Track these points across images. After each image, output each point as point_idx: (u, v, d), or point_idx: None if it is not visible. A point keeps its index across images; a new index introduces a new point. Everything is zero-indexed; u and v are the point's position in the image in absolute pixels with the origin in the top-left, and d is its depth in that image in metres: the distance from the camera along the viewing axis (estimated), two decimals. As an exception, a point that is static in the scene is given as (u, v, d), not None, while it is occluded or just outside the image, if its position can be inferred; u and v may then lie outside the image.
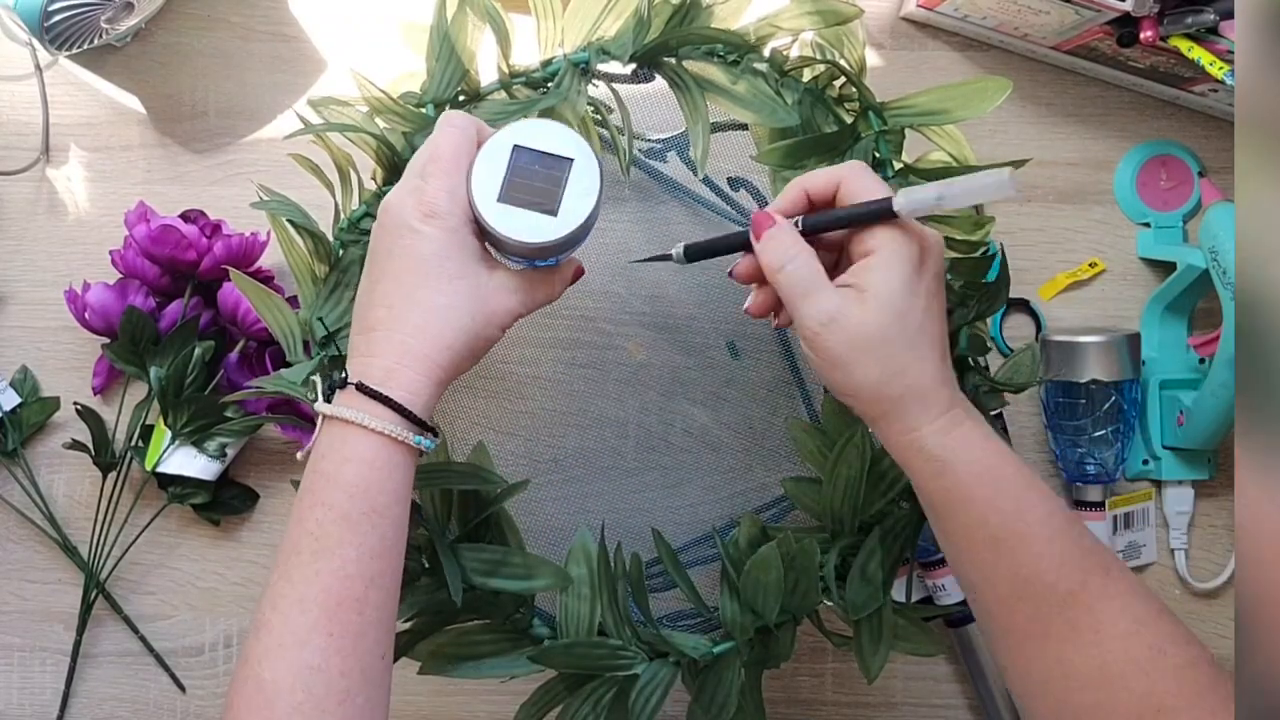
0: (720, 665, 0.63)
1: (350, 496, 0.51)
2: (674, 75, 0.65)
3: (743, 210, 0.71)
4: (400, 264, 0.53)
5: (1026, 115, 0.78)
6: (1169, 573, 0.78)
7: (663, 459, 0.72)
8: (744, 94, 0.64)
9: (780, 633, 0.63)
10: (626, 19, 0.65)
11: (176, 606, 0.77)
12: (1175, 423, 0.75)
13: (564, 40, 0.65)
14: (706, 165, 0.64)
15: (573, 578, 0.63)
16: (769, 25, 0.65)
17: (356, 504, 0.51)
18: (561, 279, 0.57)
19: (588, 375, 0.72)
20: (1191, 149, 0.78)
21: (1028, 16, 0.71)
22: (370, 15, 0.77)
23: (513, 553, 0.62)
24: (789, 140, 0.63)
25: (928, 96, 0.65)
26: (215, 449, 0.72)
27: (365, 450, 0.51)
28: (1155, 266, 0.78)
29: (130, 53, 0.77)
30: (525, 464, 0.71)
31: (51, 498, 0.76)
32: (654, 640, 0.63)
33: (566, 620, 0.63)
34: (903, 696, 0.77)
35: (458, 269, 0.53)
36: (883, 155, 0.65)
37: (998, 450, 0.51)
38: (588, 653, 0.62)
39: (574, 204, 0.52)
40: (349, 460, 0.51)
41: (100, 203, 0.77)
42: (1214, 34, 0.67)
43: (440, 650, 0.62)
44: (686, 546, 0.71)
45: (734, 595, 0.63)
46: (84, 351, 0.76)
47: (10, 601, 0.76)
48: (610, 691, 0.62)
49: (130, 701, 0.76)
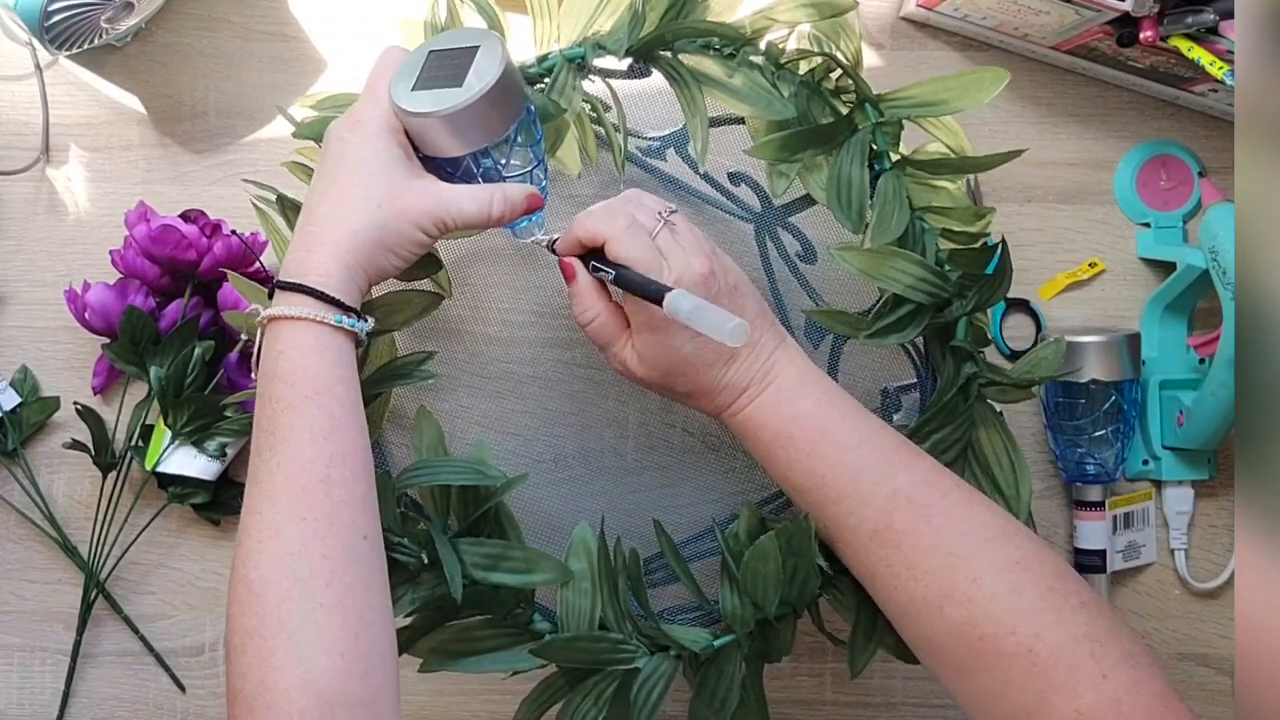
0: (721, 658, 0.63)
1: (291, 385, 0.53)
2: (670, 69, 0.65)
3: (744, 205, 0.71)
4: (323, 169, 0.57)
5: (1026, 115, 0.78)
6: (1169, 573, 0.78)
7: (663, 459, 0.72)
8: (740, 87, 0.64)
9: (780, 625, 0.63)
10: (621, 14, 0.65)
11: (176, 606, 0.77)
12: (1175, 423, 0.75)
13: (560, 36, 0.65)
14: (705, 160, 0.64)
15: (573, 572, 0.63)
16: (764, 18, 0.65)
17: (298, 390, 0.53)
18: (503, 198, 0.58)
19: (588, 375, 0.72)
20: (1191, 149, 0.78)
21: (1028, 16, 0.71)
22: (370, 15, 0.77)
23: (513, 547, 0.62)
24: (785, 132, 0.63)
25: (924, 88, 0.65)
26: (215, 449, 0.73)
27: (295, 339, 0.54)
28: (1155, 266, 0.78)
29: (130, 53, 0.77)
30: (525, 464, 0.71)
31: (51, 498, 0.76)
32: (654, 634, 0.63)
33: (567, 615, 0.63)
34: (903, 696, 0.77)
35: (374, 166, 0.56)
36: (880, 147, 0.65)
37: (788, 416, 0.58)
38: (590, 646, 0.62)
39: (477, 77, 0.56)
40: (283, 352, 0.53)
41: (100, 203, 0.77)
42: (1214, 34, 0.67)
43: (441, 646, 0.62)
44: (684, 543, 0.71)
45: (734, 587, 0.63)
46: (84, 351, 0.76)
47: (10, 601, 0.76)
48: (612, 686, 0.62)
49: (130, 701, 0.76)
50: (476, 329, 0.71)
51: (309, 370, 0.53)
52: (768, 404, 0.59)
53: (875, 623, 0.62)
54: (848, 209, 0.64)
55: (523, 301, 0.72)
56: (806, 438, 0.58)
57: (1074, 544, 0.76)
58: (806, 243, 0.71)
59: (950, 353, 0.65)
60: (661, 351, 0.58)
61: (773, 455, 0.59)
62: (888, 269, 0.63)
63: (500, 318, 0.72)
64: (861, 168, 0.64)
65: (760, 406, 0.59)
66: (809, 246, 0.71)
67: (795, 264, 0.71)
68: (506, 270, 0.72)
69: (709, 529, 0.71)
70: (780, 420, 0.59)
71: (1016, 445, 0.65)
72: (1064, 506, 0.78)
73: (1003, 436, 0.65)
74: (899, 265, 0.63)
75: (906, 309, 0.64)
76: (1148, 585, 0.78)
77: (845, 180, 0.64)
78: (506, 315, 0.72)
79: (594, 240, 0.58)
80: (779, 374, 0.59)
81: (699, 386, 0.59)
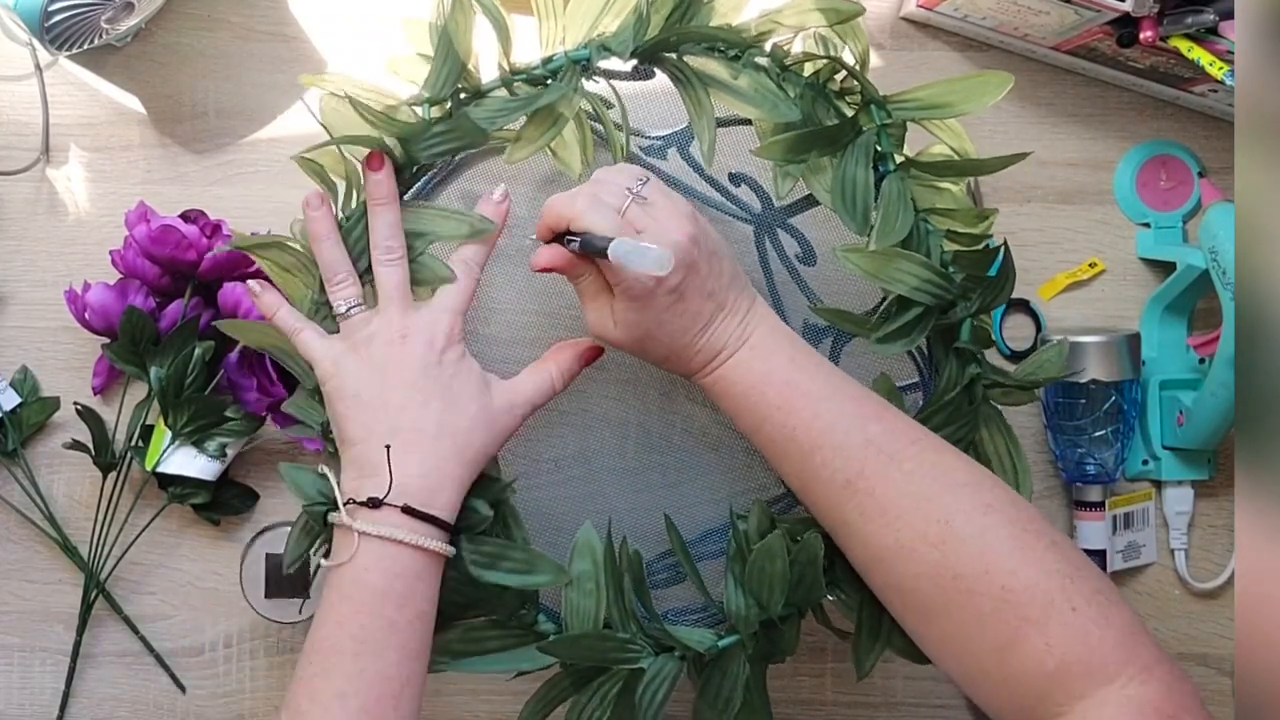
0: (725, 659, 0.63)
1: (399, 607, 0.56)
2: (676, 71, 0.65)
3: (744, 206, 0.71)
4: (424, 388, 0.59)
5: (1026, 115, 0.78)
6: (1169, 573, 0.78)
7: (663, 459, 0.72)
8: (745, 89, 0.64)
9: (785, 626, 0.63)
10: (627, 16, 0.65)
11: (176, 606, 0.77)
12: (1175, 423, 0.75)
13: (565, 38, 0.65)
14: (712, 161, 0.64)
15: (571, 575, 0.63)
16: (770, 21, 0.65)
17: (404, 613, 0.56)
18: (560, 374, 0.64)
19: (588, 375, 0.72)
20: (1191, 149, 0.78)
21: (1028, 17, 0.71)
22: (370, 15, 0.77)
23: (513, 547, 0.62)
24: (791, 134, 0.64)
25: (929, 90, 0.65)
26: (215, 449, 0.73)
27: (413, 564, 0.57)
28: (1155, 266, 0.78)
29: (130, 53, 0.77)
30: (525, 464, 0.71)
31: (51, 498, 0.76)
32: (659, 634, 0.63)
33: (571, 615, 0.63)
34: (903, 696, 0.77)
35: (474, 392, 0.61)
36: (884, 149, 0.65)
37: (759, 372, 0.59)
38: (596, 645, 0.62)
39: None
40: (398, 575, 0.56)
41: (100, 203, 0.77)
42: (1214, 34, 0.67)
43: (446, 647, 0.62)
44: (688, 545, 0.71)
45: (739, 586, 0.63)
46: (84, 351, 0.76)
47: (10, 601, 0.76)
48: (616, 686, 0.62)
49: (130, 701, 0.76)
50: (476, 329, 0.71)
51: (417, 595, 0.57)
52: (741, 363, 0.60)
53: (881, 622, 0.62)
54: (852, 210, 0.64)
55: (523, 302, 0.72)
56: (779, 392, 0.59)
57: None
58: (806, 244, 0.71)
59: (954, 354, 0.65)
60: (639, 318, 0.59)
61: (746, 411, 0.60)
62: (893, 271, 0.63)
63: (500, 318, 0.72)
64: (866, 169, 0.64)
65: (734, 366, 0.60)
66: (809, 248, 0.71)
67: (795, 266, 0.71)
68: (507, 270, 0.72)
69: (709, 532, 0.71)
70: (753, 377, 0.59)
71: (1019, 445, 0.65)
72: (1064, 507, 0.78)
73: (1005, 437, 0.65)
74: (904, 267, 0.63)
75: (913, 313, 0.64)
76: (1148, 585, 0.78)
77: (850, 182, 0.64)
78: (506, 315, 0.72)
79: (559, 222, 0.59)
80: (751, 333, 0.60)
81: (674, 350, 0.60)
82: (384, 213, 0.62)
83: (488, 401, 0.61)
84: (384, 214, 0.62)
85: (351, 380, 0.59)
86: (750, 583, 0.62)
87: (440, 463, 0.58)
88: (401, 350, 0.59)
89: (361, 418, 0.59)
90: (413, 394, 0.59)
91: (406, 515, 0.57)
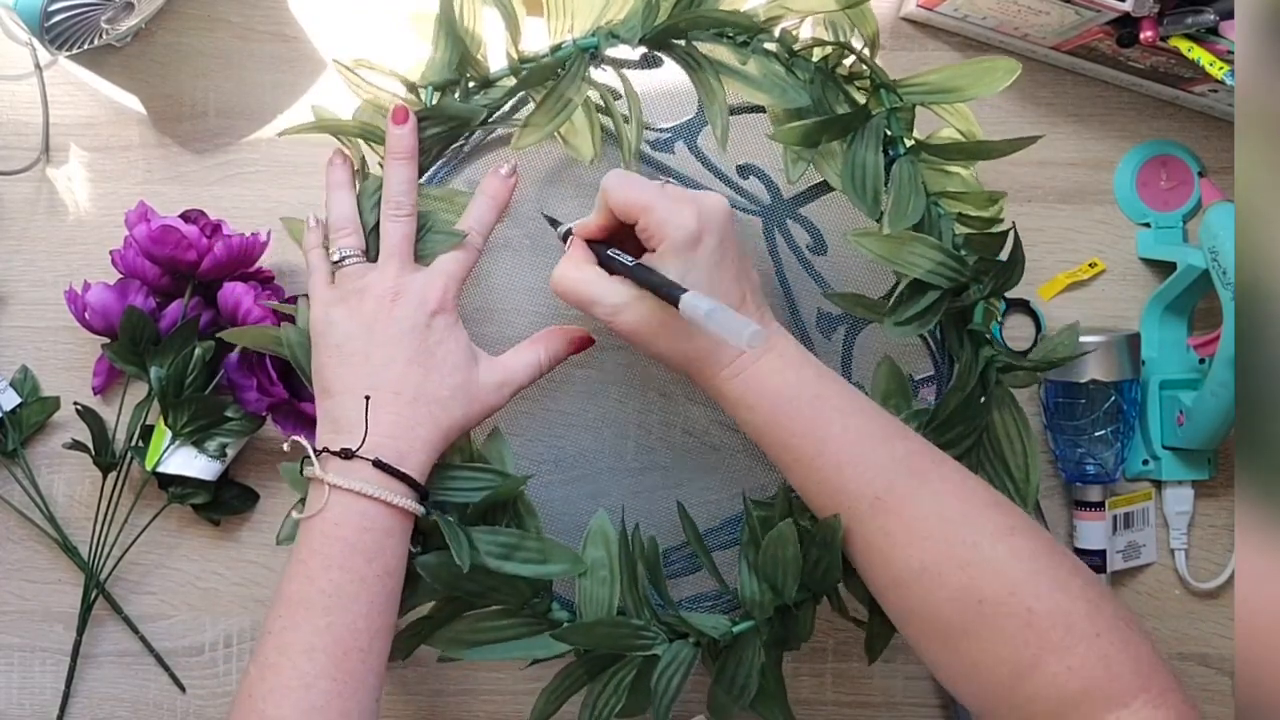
0: (740, 645, 0.63)
1: (368, 561, 0.56)
2: (686, 57, 0.65)
3: (753, 198, 0.71)
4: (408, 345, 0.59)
5: (1026, 115, 0.78)
6: (1169, 573, 0.78)
7: (663, 459, 0.72)
8: (755, 74, 0.64)
9: (800, 611, 0.63)
10: (635, 2, 0.65)
11: (176, 606, 0.77)
12: (1175, 423, 0.75)
13: (574, 26, 0.65)
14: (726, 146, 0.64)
15: (586, 564, 0.63)
16: (779, 6, 0.65)
17: (373, 567, 0.56)
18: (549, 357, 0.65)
19: (588, 375, 0.72)
20: (1191, 149, 0.78)
21: (1028, 16, 0.71)
22: (370, 15, 0.77)
23: (528, 537, 0.62)
24: (807, 121, 0.64)
25: (939, 75, 0.66)
26: (215, 449, 0.72)
27: (383, 520, 0.57)
28: (1155, 266, 0.78)
29: (130, 53, 0.77)
30: (526, 464, 0.71)
31: (51, 498, 0.76)
32: (673, 621, 0.63)
33: (585, 603, 0.63)
34: (903, 696, 0.77)
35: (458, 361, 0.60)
36: (895, 132, 0.65)
37: (792, 382, 0.58)
38: (611, 631, 0.62)
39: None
40: (368, 530, 0.56)
41: (100, 203, 0.77)
42: (1214, 34, 0.67)
43: (459, 636, 0.62)
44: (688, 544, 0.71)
45: (753, 572, 0.63)
46: (84, 351, 0.76)
47: (10, 601, 0.76)
48: (631, 674, 0.62)
49: (130, 701, 0.76)
50: (476, 330, 0.71)
51: (387, 551, 0.57)
52: (770, 367, 0.58)
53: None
54: (864, 194, 0.64)
55: (523, 302, 0.72)
56: (810, 403, 0.58)
57: (1074, 544, 0.76)
58: (816, 234, 0.71)
59: (968, 336, 0.65)
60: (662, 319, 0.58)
61: (775, 420, 0.58)
62: (906, 254, 0.63)
63: (501, 318, 0.72)
64: (877, 153, 0.64)
65: (762, 368, 0.58)
66: (819, 238, 0.71)
67: (805, 255, 0.71)
68: (507, 271, 0.72)
69: (708, 531, 0.71)
70: (781, 383, 0.58)
71: (1029, 426, 0.65)
72: (1064, 507, 0.78)
73: (1015, 418, 0.65)
74: (918, 250, 0.63)
75: (928, 297, 0.64)
76: (1148, 585, 0.78)
77: (861, 166, 0.64)
78: (507, 316, 0.72)
79: (628, 212, 0.58)
80: (776, 342, 0.59)
81: (697, 352, 0.59)
82: (401, 168, 0.62)
83: (473, 374, 0.61)
84: (401, 169, 0.62)
85: (337, 330, 0.59)
86: (763, 569, 0.62)
87: (414, 425, 0.58)
88: (391, 308, 0.59)
89: (340, 370, 0.59)
90: (396, 353, 0.59)
91: (378, 470, 0.57)
